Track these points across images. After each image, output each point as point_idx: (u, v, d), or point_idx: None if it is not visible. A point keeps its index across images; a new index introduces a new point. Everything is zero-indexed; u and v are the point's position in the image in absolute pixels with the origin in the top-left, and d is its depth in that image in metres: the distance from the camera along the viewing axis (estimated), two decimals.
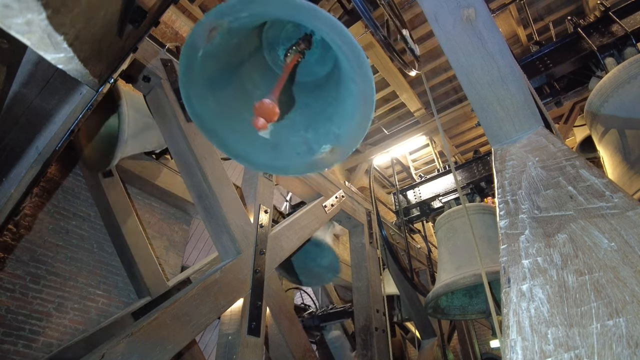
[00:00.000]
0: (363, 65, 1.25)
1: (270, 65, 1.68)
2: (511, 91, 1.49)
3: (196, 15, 7.97)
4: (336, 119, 1.52)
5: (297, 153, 1.55)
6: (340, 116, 1.50)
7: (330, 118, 1.55)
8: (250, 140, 1.51)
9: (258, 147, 1.53)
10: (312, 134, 1.56)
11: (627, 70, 3.05)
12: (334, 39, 1.26)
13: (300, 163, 1.53)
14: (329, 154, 1.49)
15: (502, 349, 0.98)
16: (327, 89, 1.65)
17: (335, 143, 1.49)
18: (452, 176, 4.85)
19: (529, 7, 7.28)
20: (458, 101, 9.94)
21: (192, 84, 1.33)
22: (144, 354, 2.08)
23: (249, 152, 1.52)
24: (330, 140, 1.50)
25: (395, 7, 3.11)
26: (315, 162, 1.51)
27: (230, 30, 1.29)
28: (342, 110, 1.50)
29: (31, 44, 0.84)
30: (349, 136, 1.45)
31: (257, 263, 2.96)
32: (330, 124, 1.53)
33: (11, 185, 1.87)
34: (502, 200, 1.31)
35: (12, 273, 3.78)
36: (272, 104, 1.21)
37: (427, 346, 5.59)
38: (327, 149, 1.49)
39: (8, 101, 1.80)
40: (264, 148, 1.54)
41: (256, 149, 1.53)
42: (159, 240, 5.33)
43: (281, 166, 1.54)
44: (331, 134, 1.51)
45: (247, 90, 1.59)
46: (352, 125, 1.43)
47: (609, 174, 3.09)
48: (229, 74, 1.51)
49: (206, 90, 1.40)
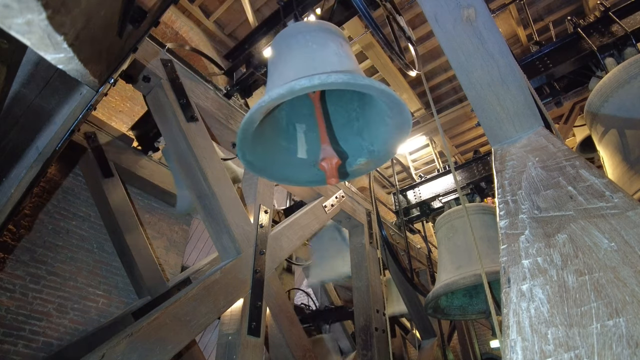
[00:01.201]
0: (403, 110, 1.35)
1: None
2: (511, 91, 1.49)
3: (196, 15, 7.97)
4: (366, 136, 1.62)
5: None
6: (372, 135, 1.60)
7: (359, 134, 1.64)
8: (292, 164, 1.64)
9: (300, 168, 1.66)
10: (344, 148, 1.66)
11: (627, 70, 3.05)
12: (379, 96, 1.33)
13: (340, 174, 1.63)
14: (364, 165, 1.63)
15: (502, 349, 0.98)
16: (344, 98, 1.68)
17: (369, 157, 1.62)
18: (452, 176, 4.85)
19: (529, 7, 7.29)
20: (458, 101, 9.95)
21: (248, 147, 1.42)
22: (144, 354, 2.08)
23: (293, 174, 1.65)
24: (364, 154, 1.63)
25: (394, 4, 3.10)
26: (351, 172, 1.65)
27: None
28: (373, 131, 1.59)
29: (31, 44, 0.84)
30: (383, 152, 1.58)
31: (257, 263, 2.96)
32: (361, 140, 1.64)
33: (11, 185, 1.87)
34: (502, 201, 1.31)
35: (12, 273, 3.78)
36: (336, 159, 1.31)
37: (427, 346, 5.59)
38: (363, 162, 1.63)
39: (8, 101, 1.80)
40: (306, 167, 1.66)
41: (299, 170, 1.66)
42: (159, 240, 5.33)
43: (322, 179, 1.65)
44: (365, 149, 1.63)
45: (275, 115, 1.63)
46: (386, 146, 1.56)
47: (609, 174, 3.09)
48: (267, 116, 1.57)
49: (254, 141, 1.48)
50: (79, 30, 0.93)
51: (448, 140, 10.79)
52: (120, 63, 1.66)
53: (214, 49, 8.22)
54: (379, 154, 1.59)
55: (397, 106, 1.33)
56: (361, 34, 7.24)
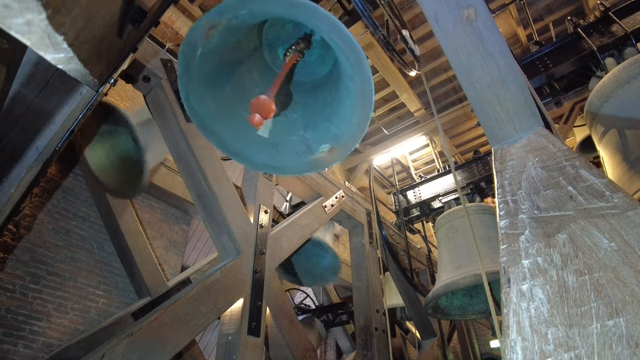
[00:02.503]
0: (362, 64, 1.25)
1: (270, 64, 1.68)
2: (511, 91, 1.49)
3: (196, 16, 7.97)
4: (335, 119, 1.52)
5: (297, 152, 1.56)
6: (339, 116, 1.50)
7: (329, 118, 1.55)
8: (249, 139, 1.51)
9: (257, 147, 1.54)
10: (311, 134, 1.57)
11: (627, 70, 3.05)
12: (333, 38, 1.26)
13: (299, 162, 1.54)
14: (328, 154, 1.50)
15: (502, 349, 0.98)
16: (326, 89, 1.64)
17: (334, 143, 1.49)
18: (452, 176, 4.85)
19: (529, 7, 7.29)
20: (458, 101, 9.94)
21: (191, 83, 1.32)
22: (144, 354, 2.08)
23: (248, 152, 1.52)
24: (329, 140, 1.50)
25: (395, 7, 3.11)
26: (315, 161, 1.52)
27: (229, 28, 1.28)
28: (341, 110, 1.50)
29: (31, 44, 0.84)
30: (348, 136, 1.46)
31: (257, 263, 2.96)
32: (329, 124, 1.53)
33: (11, 185, 1.87)
34: (502, 201, 1.31)
35: (12, 273, 3.78)
36: (269, 100, 1.20)
37: (427, 346, 5.59)
38: (327, 149, 1.50)
39: (8, 101, 1.80)
40: (264, 147, 1.54)
41: (256, 149, 1.54)
42: (159, 240, 5.33)
43: (280, 165, 1.55)
44: (330, 134, 1.51)
45: (246, 89, 1.58)
46: (351, 125, 1.44)
47: (609, 174, 3.09)
48: (228, 72, 1.51)
49: (205, 89, 1.40)
50: (79, 30, 0.93)
51: (448, 140, 10.79)
52: (120, 63, 1.66)
53: None
54: (343, 138, 1.48)
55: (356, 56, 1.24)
56: (361, 34, 7.24)
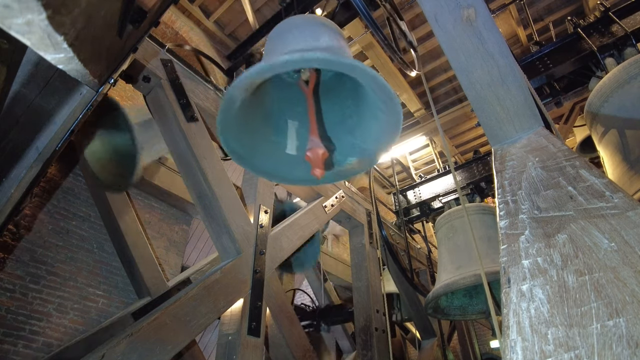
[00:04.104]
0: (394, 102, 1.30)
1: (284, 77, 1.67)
2: (511, 91, 1.49)
3: (196, 16, 7.97)
4: (358, 134, 1.57)
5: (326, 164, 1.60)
6: (364, 132, 1.55)
7: (351, 132, 1.60)
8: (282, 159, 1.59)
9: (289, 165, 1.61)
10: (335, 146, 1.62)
11: (627, 70, 3.05)
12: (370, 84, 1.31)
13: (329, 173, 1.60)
14: (356, 164, 1.58)
15: (502, 349, 0.98)
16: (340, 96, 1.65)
17: (361, 156, 1.56)
18: (452, 176, 4.85)
19: (529, 7, 7.28)
20: (458, 101, 9.94)
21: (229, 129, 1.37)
22: (144, 354, 2.08)
23: (282, 171, 1.61)
24: (356, 153, 1.57)
25: (394, 6, 3.11)
26: (343, 171, 1.59)
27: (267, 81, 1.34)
28: (365, 129, 1.55)
29: (31, 44, 0.84)
30: (374, 150, 1.53)
31: (257, 263, 2.96)
32: (353, 138, 1.58)
33: (11, 185, 1.87)
34: (502, 201, 1.31)
35: (12, 273, 3.78)
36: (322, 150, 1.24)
37: (427, 346, 5.59)
38: (354, 161, 1.57)
39: (8, 101, 1.80)
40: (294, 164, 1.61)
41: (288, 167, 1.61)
42: (159, 240, 5.33)
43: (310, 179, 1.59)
44: (357, 148, 1.57)
45: (266, 107, 1.60)
46: (378, 144, 1.51)
47: (609, 174, 3.09)
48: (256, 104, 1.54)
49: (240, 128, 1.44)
50: (79, 30, 0.93)
51: (448, 140, 10.79)
52: (120, 63, 1.66)
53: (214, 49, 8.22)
54: (370, 153, 1.54)
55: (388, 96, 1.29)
56: (361, 34, 7.24)
